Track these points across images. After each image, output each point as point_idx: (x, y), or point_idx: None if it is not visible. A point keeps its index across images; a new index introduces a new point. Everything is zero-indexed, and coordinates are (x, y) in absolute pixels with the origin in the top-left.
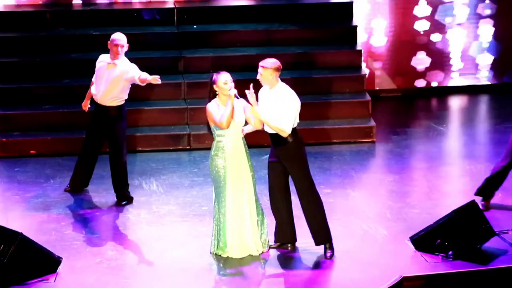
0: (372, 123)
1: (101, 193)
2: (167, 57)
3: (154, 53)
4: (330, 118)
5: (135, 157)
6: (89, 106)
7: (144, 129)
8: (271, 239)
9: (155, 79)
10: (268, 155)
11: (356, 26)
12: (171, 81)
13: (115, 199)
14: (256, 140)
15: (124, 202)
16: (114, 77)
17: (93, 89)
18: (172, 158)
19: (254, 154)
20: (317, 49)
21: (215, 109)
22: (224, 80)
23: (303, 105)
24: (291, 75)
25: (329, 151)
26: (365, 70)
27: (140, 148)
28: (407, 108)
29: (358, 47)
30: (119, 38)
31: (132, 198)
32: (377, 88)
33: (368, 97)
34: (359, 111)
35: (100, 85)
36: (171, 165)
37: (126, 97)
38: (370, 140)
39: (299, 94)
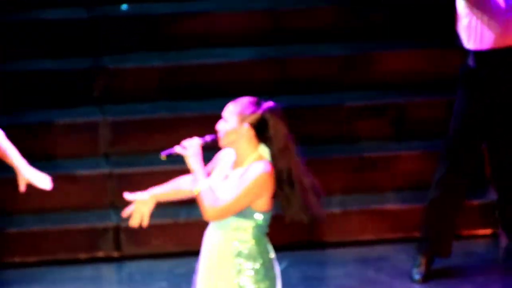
0: (492, 195)
1: None
2: (71, 70)
3: (44, 63)
4: (400, 184)
5: (5, 276)
6: None
7: (27, 219)
8: None
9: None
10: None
11: None
12: (79, 119)
13: None
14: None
15: None
16: None
17: None
18: (85, 278)
19: None
20: (373, 48)
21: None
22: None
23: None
24: (320, 100)
25: (397, 254)
26: None
27: (16, 259)
28: None
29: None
30: None
31: None
32: None
33: None
34: None
35: None
36: None
37: None
38: (487, 232)
39: (330, 137)
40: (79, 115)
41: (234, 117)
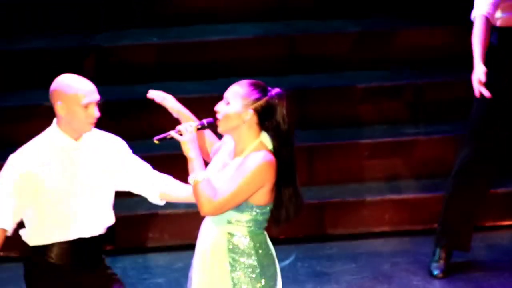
0: None
1: None
2: (60, 49)
3: (32, 41)
4: (418, 171)
5: None
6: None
7: None
8: None
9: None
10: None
11: None
12: None
13: None
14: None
15: None
16: (90, 177)
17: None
18: None
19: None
20: (389, 24)
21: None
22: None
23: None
24: (331, 81)
25: (420, 246)
26: None
27: None
28: None
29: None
30: (89, 87)
31: None
32: None
33: None
34: None
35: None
36: None
37: None
38: None
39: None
40: None
41: (239, 100)
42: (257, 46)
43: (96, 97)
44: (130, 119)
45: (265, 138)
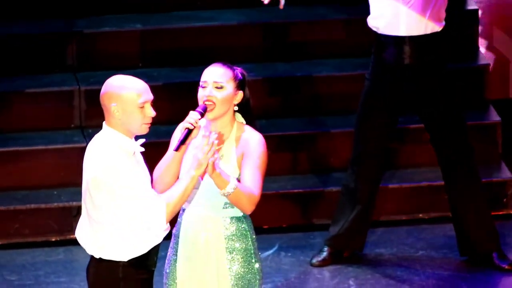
0: (507, 174)
1: None
2: (41, 34)
3: (12, 27)
4: (409, 163)
5: None
6: None
7: None
8: None
9: None
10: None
11: None
12: (53, 88)
13: None
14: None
15: None
16: None
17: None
18: (57, 262)
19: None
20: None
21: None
22: (202, 79)
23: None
24: (314, 69)
25: (404, 237)
26: (485, 58)
27: None
28: None
29: (471, 6)
30: (143, 87)
31: None
32: None
33: (495, 117)
34: (477, 149)
35: None
36: (56, 277)
37: None
38: (502, 212)
39: (327, 109)
40: (51, 84)
41: (231, 83)
42: (240, 33)
43: (151, 96)
44: None
45: (239, 117)
